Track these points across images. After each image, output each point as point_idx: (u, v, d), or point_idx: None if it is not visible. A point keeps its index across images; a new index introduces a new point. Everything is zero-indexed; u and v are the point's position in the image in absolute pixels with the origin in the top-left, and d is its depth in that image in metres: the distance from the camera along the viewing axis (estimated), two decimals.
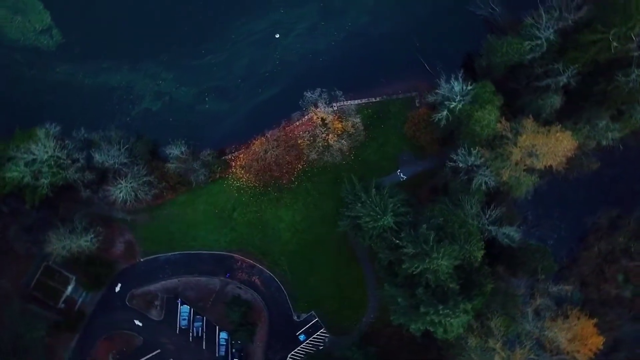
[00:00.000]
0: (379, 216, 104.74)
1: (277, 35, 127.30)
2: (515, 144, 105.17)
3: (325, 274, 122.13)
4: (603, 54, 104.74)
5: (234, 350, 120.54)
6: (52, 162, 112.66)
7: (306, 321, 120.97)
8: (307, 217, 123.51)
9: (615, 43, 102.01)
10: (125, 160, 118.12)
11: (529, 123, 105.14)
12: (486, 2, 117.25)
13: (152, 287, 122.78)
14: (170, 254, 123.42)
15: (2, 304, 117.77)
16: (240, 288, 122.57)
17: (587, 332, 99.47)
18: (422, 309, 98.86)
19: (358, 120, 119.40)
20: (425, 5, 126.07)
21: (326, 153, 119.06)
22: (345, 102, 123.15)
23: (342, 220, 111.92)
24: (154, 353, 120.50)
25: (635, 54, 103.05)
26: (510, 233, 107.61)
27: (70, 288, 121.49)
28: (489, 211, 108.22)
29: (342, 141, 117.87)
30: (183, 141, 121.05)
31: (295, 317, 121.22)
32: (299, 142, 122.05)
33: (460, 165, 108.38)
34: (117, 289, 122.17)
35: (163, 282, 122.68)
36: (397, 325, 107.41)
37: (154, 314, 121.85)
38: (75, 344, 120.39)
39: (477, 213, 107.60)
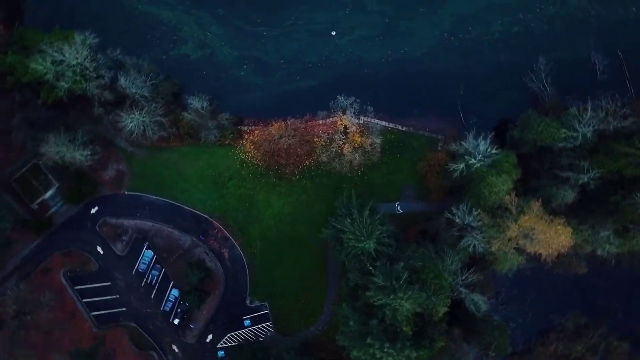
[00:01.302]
0: (362, 238, 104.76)
1: (334, 33, 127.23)
2: (516, 221, 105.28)
3: (291, 272, 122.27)
4: (631, 170, 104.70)
5: (179, 310, 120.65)
6: (78, 70, 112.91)
7: (257, 309, 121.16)
8: (295, 212, 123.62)
9: None
10: (146, 94, 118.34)
11: (536, 206, 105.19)
12: (540, 78, 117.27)
13: (126, 222, 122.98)
14: (154, 197, 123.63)
15: None
16: (207, 254, 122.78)
17: None
18: (369, 340, 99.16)
19: (378, 141, 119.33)
20: (484, 61, 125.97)
21: (336, 160, 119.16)
22: (372, 120, 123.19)
23: (327, 229, 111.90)
24: (103, 284, 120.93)
25: None
26: (479, 302, 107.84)
27: (49, 193, 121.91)
28: (466, 273, 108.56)
29: (356, 155, 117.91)
30: (207, 97, 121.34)
31: (248, 301, 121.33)
32: (315, 140, 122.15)
33: (457, 220, 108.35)
34: (93, 211, 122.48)
35: (138, 221, 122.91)
36: (340, 346, 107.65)
37: (118, 248, 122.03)
38: (34, 247, 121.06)
39: (455, 271, 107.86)
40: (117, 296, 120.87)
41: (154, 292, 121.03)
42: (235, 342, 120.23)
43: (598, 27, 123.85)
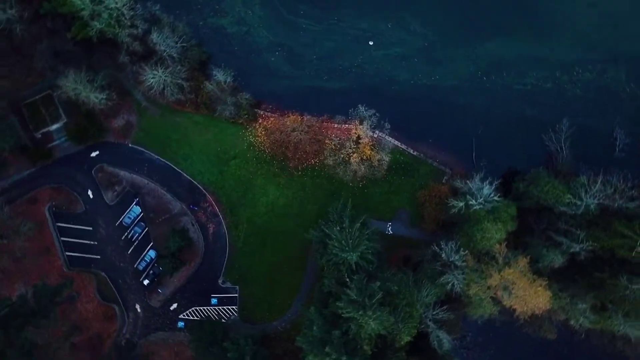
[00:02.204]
0: (347, 249, 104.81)
1: (371, 43, 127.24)
2: (499, 271, 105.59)
3: (269, 263, 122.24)
4: (623, 251, 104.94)
5: (151, 271, 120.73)
6: (115, 14, 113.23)
7: (227, 290, 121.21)
8: (288, 206, 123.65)
9: (639, 248, 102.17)
10: (174, 55, 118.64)
11: (522, 262, 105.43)
12: (559, 140, 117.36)
13: (123, 173, 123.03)
14: (156, 156, 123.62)
15: None
16: (193, 225, 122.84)
17: None
18: (327, 349, 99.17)
19: (387, 158, 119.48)
20: (509, 108, 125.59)
21: (341, 166, 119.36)
22: (386, 136, 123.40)
23: (315, 231, 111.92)
24: (85, 227, 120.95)
25: None
26: (444, 340, 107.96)
27: (56, 126, 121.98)
28: (439, 309, 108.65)
29: (362, 166, 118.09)
30: (232, 73, 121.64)
31: (220, 281, 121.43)
32: (325, 141, 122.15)
33: (443, 255, 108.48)
34: (93, 154, 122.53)
35: (134, 176, 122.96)
36: (298, 348, 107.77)
37: (108, 196, 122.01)
38: (27, 174, 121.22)
39: (429, 304, 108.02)
40: (95, 243, 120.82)
41: (132, 248, 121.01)
42: (197, 316, 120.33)
43: (629, 105, 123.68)
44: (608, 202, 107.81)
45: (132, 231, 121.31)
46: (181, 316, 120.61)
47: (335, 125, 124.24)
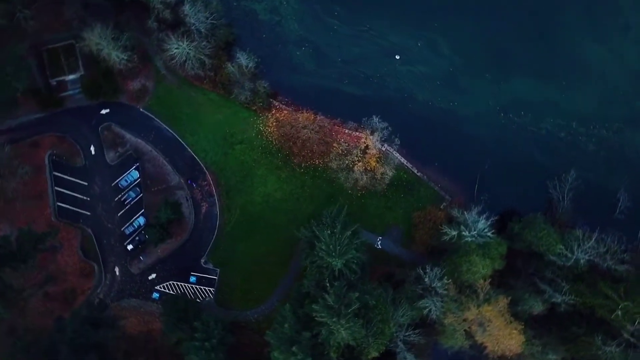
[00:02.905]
0: (334, 254, 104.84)
1: (398, 57, 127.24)
2: (478, 307, 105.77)
3: (254, 253, 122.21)
4: (603, 311, 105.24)
5: (137, 238, 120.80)
6: None
7: (207, 271, 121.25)
8: (284, 200, 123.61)
9: (619, 312, 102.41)
10: (202, 30, 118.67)
11: (502, 302, 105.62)
12: (563, 190, 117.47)
13: (128, 136, 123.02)
14: (165, 126, 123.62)
15: (14, 39, 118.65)
16: (187, 200, 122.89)
17: None
18: (294, 349, 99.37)
19: (390, 174, 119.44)
20: (520, 148, 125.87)
21: (344, 172, 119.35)
22: (394, 152, 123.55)
23: (306, 230, 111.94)
24: (81, 182, 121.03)
25: (625, 335, 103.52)
26: None
27: (72, 77, 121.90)
28: (411, 331, 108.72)
29: (364, 176, 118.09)
30: (255, 59, 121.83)
31: (202, 261, 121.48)
32: (333, 144, 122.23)
33: (426, 279, 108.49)
34: (104, 111, 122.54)
35: (139, 141, 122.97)
36: (265, 342, 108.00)
37: (110, 156, 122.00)
38: (35, 119, 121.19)
39: (402, 324, 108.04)
40: (88, 199, 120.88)
41: (123, 211, 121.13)
42: (173, 291, 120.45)
43: (638, 170, 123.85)
44: (598, 261, 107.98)
45: (126, 195, 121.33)
46: (157, 287, 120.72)
47: (346, 131, 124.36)
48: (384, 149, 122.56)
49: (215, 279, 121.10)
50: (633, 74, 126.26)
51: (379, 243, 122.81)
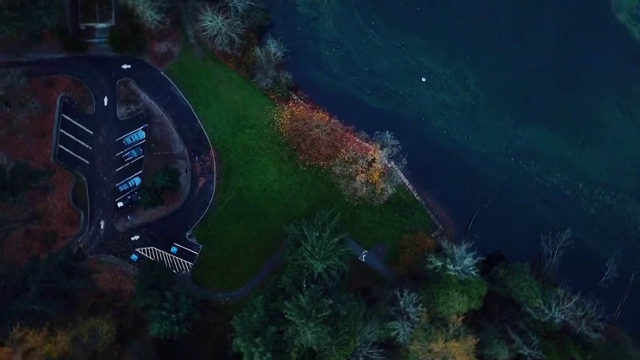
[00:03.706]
0: (317, 257, 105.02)
1: (424, 80, 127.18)
2: (446, 341, 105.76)
3: (239, 238, 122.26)
4: None
5: (129, 197, 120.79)
6: None
7: (190, 245, 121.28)
8: (281, 193, 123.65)
9: None
10: (239, 9, 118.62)
11: (471, 342, 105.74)
12: (554, 246, 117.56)
13: (143, 95, 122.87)
14: (181, 94, 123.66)
15: None
16: (186, 172, 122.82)
17: None
18: (257, 340, 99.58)
19: (390, 191, 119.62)
20: (522, 196, 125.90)
21: (345, 180, 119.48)
22: (398, 171, 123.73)
23: (295, 227, 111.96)
24: (87, 130, 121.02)
25: None
26: None
27: (102, 25, 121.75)
28: (375, 349, 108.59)
29: (364, 188, 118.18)
30: (285, 50, 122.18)
31: (187, 234, 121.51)
32: (341, 150, 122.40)
33: (401, 302, 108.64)
34: (125, 66, 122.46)
35: (153, 103, 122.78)
36: (230, 326, 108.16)
37: (121, 111, 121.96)
38: (56, 58, 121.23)
39: (367, 341, 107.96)
40: (90, 148, 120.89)
41: (121, 168, 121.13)
42: (152, 257, 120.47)
43: (632, 244, 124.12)
44: (573, 323, 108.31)
45: (128, 152, 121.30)
46: (138, 250, 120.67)
47: (357, 140, 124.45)
48: (389, 165, 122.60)
49: (196, 254, 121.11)
50: None
51: (363, 256, 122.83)
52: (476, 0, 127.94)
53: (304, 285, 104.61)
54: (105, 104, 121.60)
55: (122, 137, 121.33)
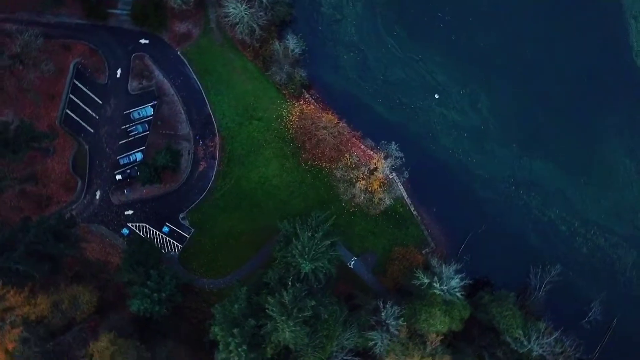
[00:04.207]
0: (306, 257, 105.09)
1: (437, 97, 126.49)
2: (422, 357, 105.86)
3: (232, 227, 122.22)
4: None
5: (128, 171, 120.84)
6: None
7: (181, 227, 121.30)
8: (279, 189, 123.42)
9: None
10: (264, 1, 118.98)
11: None
12: (542, 280, 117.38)
13: (157, 72, 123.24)
14: (194, 76, 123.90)
15: None
16: (188, 154, 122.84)
17: None
18: (235, 331, 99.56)
19: (387, 202, 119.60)
20: (516, 224, 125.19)
21: (345, 185, 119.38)
22: (399, 183, 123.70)
23: (288, 224, 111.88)
24: (96, 99, 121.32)
25: None
26: None
27: None
28: (350, 356, 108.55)
29: (363, 196, 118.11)
30: (303, 47, 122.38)
31: (180, 216, 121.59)
32: (345, 154, 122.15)
33: (382, 314, 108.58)
34: (142, 41, 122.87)
35: (166, 81, 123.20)
36: (209, 314, 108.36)
37: (132, 85, 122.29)
38: (74, 23, 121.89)
39: (344, 347, 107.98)
40: (97, 117, 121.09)
41: (125, 141, 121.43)
42: (143, 233, 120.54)
43: (620, 288, 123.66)
44: (550, 359, 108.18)
45: (134, 127, 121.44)
46: (130, 224, 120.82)
47: (362, 146, 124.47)
48: (391, 176, 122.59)
49: (186, 237, 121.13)
50: None
51: (352, 263, 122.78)
52: (503, 27, 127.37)
53: (289, 283, 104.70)
54: (118, 75, 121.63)
55: (130, 110, 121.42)
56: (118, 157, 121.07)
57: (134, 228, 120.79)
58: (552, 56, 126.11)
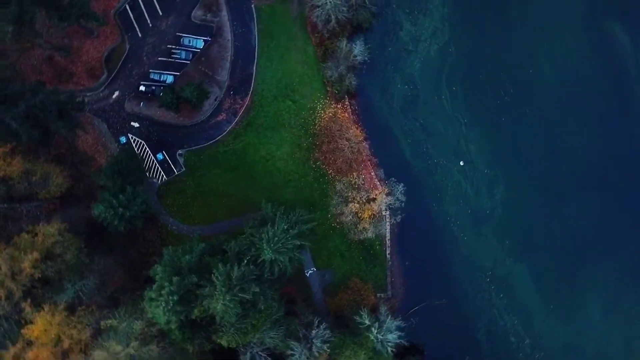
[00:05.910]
0: (271, 244, 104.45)
1: (462, 163, 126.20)
2: None
3: (220, 185, 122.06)
4: None
5: (153, 87, 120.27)
6: None
7: (175, 162, 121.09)
8: (278, 172, 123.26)
9: None
10: None
11: None
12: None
13: (224, 13, 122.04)
14: (256, 34, 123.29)
15: None
16: (215, 100, 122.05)
17: None
18: (174, 279, 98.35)
19: (369, 235, 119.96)
20: (473, 318, 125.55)
21: (339, 199, 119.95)
22: (388, 222, 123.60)
23: (272, 208, 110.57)
24: (157, 9, 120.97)
25: None
26: None
27: None
28: (265, 353, 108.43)
29: (349, 217, 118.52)
30: (365, 57, 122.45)
31: (178, 152, 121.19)
32: (353, 173, 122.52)
33: (312, 332, 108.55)
34: None
35: (228, 25, 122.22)
36: (160, 252, 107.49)
37: (196, 13, 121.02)
38: None
39: (263, 342, 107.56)
40: (150, 25, 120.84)
41: (164, 59, 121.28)
42: (137, 150, 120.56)
43: None
44: None
45: (179, 51, 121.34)
46: (130, 135, 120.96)
47: (372, 173, 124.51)
48: (384, 213, 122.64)
49: (175, 172, 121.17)
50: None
51: (309, 272, 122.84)
52: (555, 138, 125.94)
53: (245, 261, 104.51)
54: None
55: (183, 35, 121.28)
56: (150, 71, 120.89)
57: (132, 141, 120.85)
58: (593, 199, 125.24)
